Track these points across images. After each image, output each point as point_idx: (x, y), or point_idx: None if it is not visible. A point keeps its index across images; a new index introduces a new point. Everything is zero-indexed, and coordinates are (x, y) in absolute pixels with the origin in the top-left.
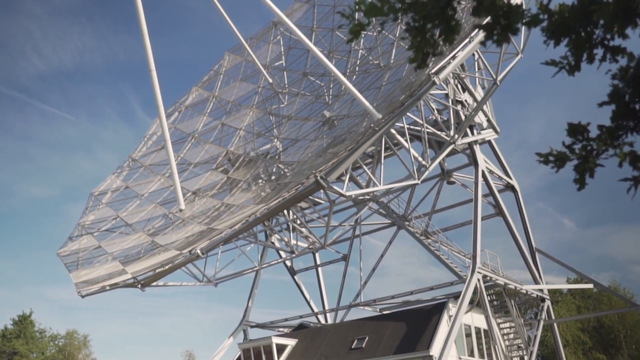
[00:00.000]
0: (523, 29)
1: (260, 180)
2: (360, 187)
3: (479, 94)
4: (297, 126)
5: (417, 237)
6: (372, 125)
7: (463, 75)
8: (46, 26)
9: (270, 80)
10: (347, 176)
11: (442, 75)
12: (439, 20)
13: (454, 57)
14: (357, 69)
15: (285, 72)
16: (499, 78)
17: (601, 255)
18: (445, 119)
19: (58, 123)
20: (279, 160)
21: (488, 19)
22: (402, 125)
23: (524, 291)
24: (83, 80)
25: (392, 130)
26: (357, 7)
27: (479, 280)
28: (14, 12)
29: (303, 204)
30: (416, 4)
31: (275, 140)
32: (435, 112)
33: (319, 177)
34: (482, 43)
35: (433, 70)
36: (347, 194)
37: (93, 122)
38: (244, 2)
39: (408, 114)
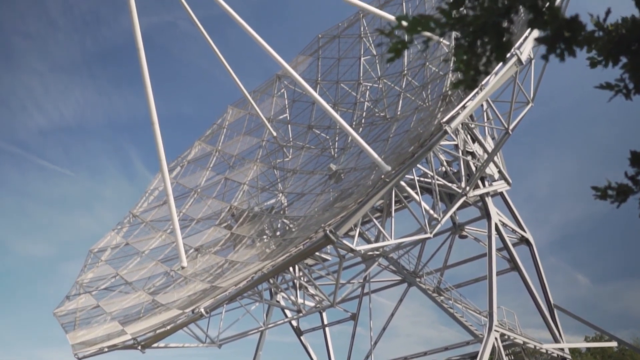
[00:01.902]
0: (532, 77)
1: (265, 236)
2: (369, 242)
3: (489, 144)
4: (302, 180)
5: (429, 294)
6: (382, 176)
7: (472, 125)
8: (48, 82)
9: (275, 134)
10: (357, 230)
11: (453, 125)
12: (490, 35)
13: (464, 107)
14: (363, 121)
15: (289, 125)
16: (511, 127)
17: (619, 311)
18: (456, 170)
19: (57, 179)
20: (284, 215)
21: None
22: (412, 177)
23: (543, 350)
24: (84, 136)
25: (402, 183)
26: (398, 22)
27: (496, 339)
28: (15, 68)
29: (309, 261)
30: (466, 17)
31: (280, 194)
32: (445, 163)
33: (328, 231)
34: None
35: (444, 120)
36: (357, 248)
37: (93, 178)
38: (247, 56)
39: (418, 165)
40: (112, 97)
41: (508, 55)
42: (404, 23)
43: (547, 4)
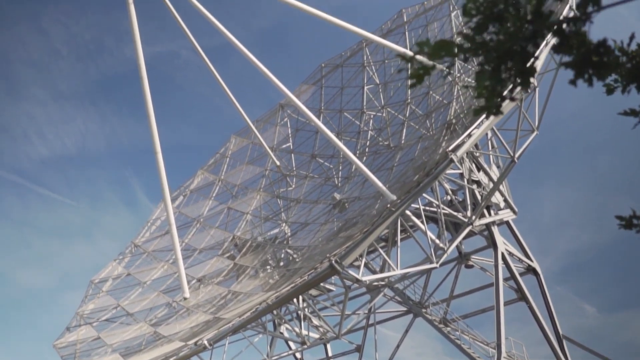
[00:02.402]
0: (537, 105)
1: (268, 267)
2: (374, 273)
3: (494, 172)
4: (306, 209)
5: (436, 325)
6: (388, 205)
7: (477, 154)
8: (50, 110)
9: (278, 163)
10: (363, 261)
11: (459, 153)
12: (515, 61)
13: (469, 135)
14: (367, 150)
15: (292, 155)
16: (517, 155)
17: (627, 341)
18: (461, 199)
19: (58, 208)
20: (288, 245)
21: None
22: (417, 206)
23: None
24: (85, 165)
25: (407, 212)
26: (419, 49)
27: None
28: (17, 96)
29: (313, 291)
30: (490, 42)
31: (284, 224)
32: (450, 192)
33: (333, 262)
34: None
35: (449, 148)
36: (363, 279)
37: (94, 207)
38: (250, 85)
39: (423, 194)
40: (114, 125)
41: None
42: (426, 48)
43: (574, 28)
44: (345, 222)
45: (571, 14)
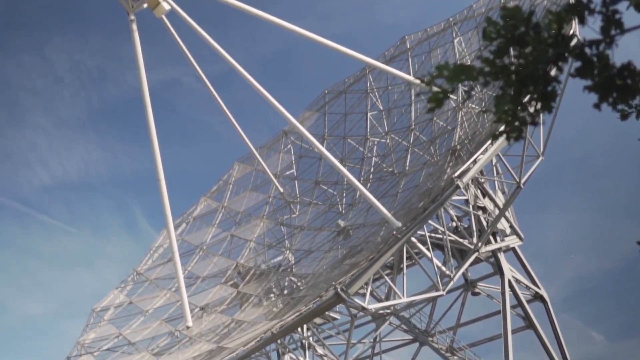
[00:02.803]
0: (542, 131)
1: (272, 295)
2: (379, 300)
3: (500, 198)
4: (310, 237)
5: (442, 353)
6: (394, 232)
7: (482, 180)
8: (52, 138)
9: (281, 190)
10: (369, 289)
11: (465, 179)
12: (537, 84)
13: (475, 161)
14: (371, 176)
15: (296, 181)
16: (522, 181)
17: None
18: (466, 226)
19: (59, 236)
20: (292, 273)
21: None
22: (422, 233)
23: None
24: (87, 192)
25: (413, 239)
26: (437, 72)
27: None
28: (20, 123)
29: (318, 320)
30: (510, 66)
31: (288, 252)
32: (456, 218)
33: (339, 290)
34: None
35: (455, 175)
36: (369, 307)
37: (96, 235)
38: (253, 112)
39: (429, 221)
40: (116, 153)
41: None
42: (445, 72)
43: (596, 51)
44: (350, 250)
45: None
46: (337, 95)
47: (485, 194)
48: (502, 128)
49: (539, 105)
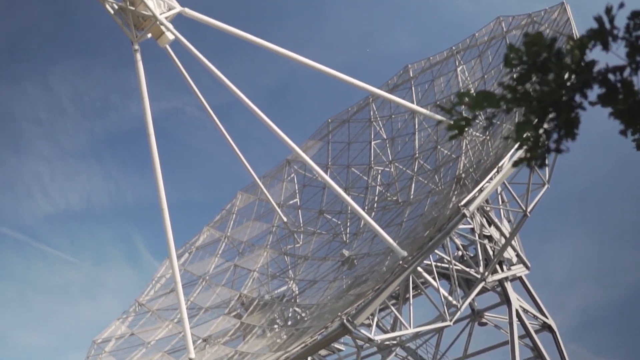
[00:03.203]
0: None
1: (276, 326)
2: (385, 331)
3: (506, 227)
4: (314, 267)
5: None
6: (400, 262)
7: (488, 208)
8: (55, 168)
9: (285, 219)
10: (375, 319)
11: (471, 207)
12: (560, 112)
13: (481, 190)
14: (375, 205)
15: (300, 211)
16: (529, 209)
17: None
18: (472, 255)
19: (60, 266)
20: (296, 304)
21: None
22: (428, 262)
23: None
24: (89, 223)
25: (419, 268)
26: (458, 99)
27: None
28: (23, 153)
29: (323, 351)
30: (532, 93)
31: (291, 282)
32: (461, 247)
33: (345, 320)
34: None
35: (461, 203)
36: (375, 338)
37: (97, 265)
38: (255, 141)
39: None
40: (118, 183)
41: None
42: (467, 99)
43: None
44: (355, 279)
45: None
46: (340, 124)
47: (490, 222)
48: (522, 154)
49: (562, 133)
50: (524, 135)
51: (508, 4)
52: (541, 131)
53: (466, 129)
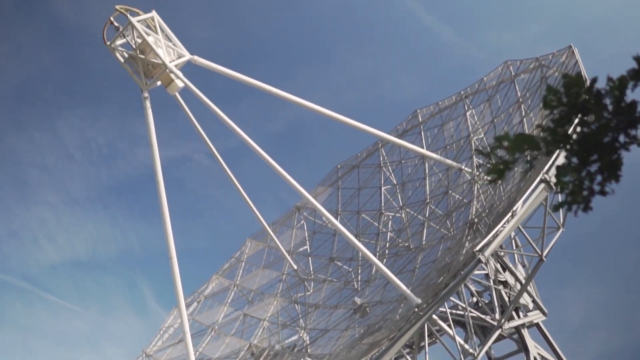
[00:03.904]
0: (560, 201)
1: None
2: None
3: (520, 272)
4: (325, 315)
5: None
6: (415, 309)
7: (502, 254)
8: (61, 215)
9: (295, 267)
10: None
11: (487, 253)
12: (604, 153)
13: (496, 235)
14: (386, 252)
15: (310, 258)
16: (545, 253)
17: None
18: (487, 301)
19: (65, 315)
20: (308, 354)
21: None
22: (443, 309)
23: None
24: (95, 270)
25: (434, 316)
26: (497, 143)
27: None
28: (29, 200)
29: None
30: (572, 135)
31: (302, 331)
32: (476, 294)
33: None
34: None
35: (477, 248)
36: None
37: (102, 314)
38: (263, 188)
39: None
40: (125, 230)
41: (537, 180)
42: (506, 143)
43: None
44: (368, 328)
45: None
46: (350, 170)
47: (505, 267)
48: (564, 198)
49: (606, 175)
50: (566, 180)
51: (513, 49)
52: (584, 173)
53: (505, 172)
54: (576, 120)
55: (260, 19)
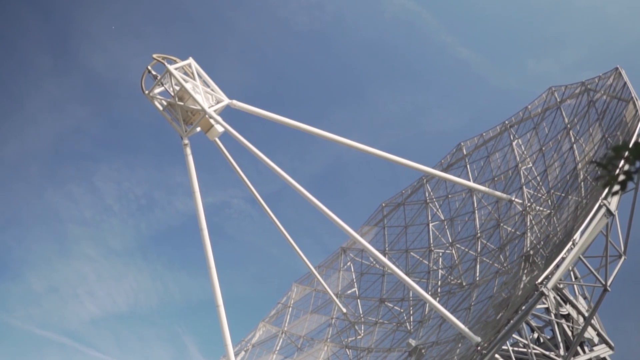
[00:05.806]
0: (619, 229)
1: None
2: None
3: (582, 304)
4: (379, 359)
5: None
6: (478, 348)
7: (561, 286)
8: (101, 268)
9: (344, 310)
10: None
11: (550, 285)
12: None
13: (557, 266)
14: (439, 290)
15: (359, 300)
16: (609, 283)
17: None
18: (549, 337)
19: None
20: None
21: None
22: (505, 347)
23: None
24: (136, 323)
25: (496, 355)
26: (616, 154)
27: None
28: (68, 255)
29: None
30: None
31: None
32: (537, 329)
33: None
34: None
35: (539, 281)
36: None
37: None
38: (304, 232)
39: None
40: (166, 281)
41: (596, 206)
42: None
43: None
44: None
45: None
46: (395, 208)
47: (566, 300)
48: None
49: None
50: None
51: (551, 76)
52: None
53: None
54: None
55: (293, 60)
